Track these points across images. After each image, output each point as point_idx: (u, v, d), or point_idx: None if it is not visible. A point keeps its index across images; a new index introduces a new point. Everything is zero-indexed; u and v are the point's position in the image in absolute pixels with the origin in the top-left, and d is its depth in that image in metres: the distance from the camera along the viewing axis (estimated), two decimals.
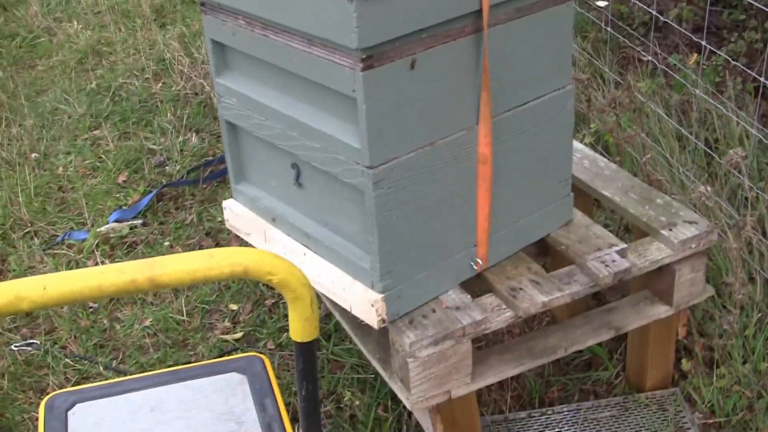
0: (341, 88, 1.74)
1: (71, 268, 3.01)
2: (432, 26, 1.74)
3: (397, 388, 1.97)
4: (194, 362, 2.52)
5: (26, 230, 3.30)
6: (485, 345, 2.39)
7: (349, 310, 1.97)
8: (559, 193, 2.17)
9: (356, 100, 1.71)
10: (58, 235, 3.25)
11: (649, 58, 3.40)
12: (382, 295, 1.87)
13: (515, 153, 2.01)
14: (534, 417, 2.33)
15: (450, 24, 1.77)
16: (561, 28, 2.02)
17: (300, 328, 1.34)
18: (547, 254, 2.39)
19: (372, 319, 1.90)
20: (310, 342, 1.36)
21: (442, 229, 1.94)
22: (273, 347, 2.63)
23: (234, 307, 2.81)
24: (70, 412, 1.85)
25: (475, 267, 2.03)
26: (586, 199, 2.42)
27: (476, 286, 2.09)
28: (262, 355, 1.99)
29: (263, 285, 2.87)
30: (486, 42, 1.82)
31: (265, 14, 1.85)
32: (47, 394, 2.11)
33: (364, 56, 1.66)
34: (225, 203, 2.30)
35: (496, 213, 2.02)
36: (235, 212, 2.26)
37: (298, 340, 1.35)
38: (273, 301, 2.81)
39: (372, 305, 1.88)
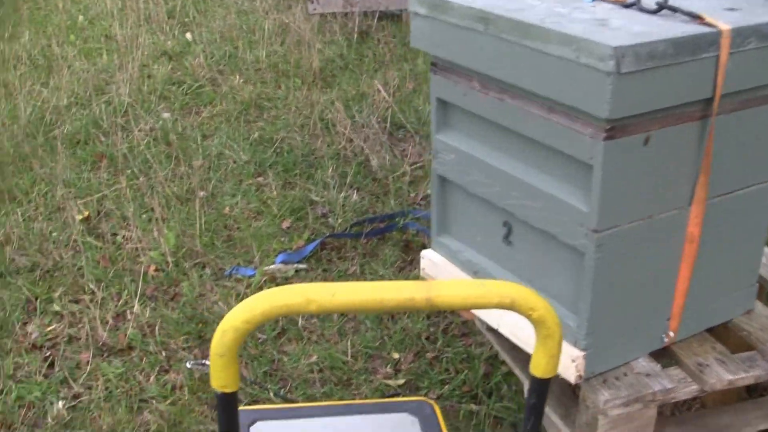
0: (578, 154, 1.87)
1: (240, 300, 3.17)
2: (668, 107, 1.86)
3: None
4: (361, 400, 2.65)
5: (196, 261, 3.49)
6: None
7: None
8: (747, 281, 2.26)
9: (592, 167, 1.84)
10: (225, 269, 3.44)
11: None
12: (584, 353, 1.97)
13: (717, 237, 2.11)
14: None
15: (683, 108, 1.89)
16: None
17: (543, 364, 1.41)
18: (719, 338, 2.46)
19: (570, 374, 2.00)
20: (548, 379, 1.44)
21: (643, 298, 2.04)
22: (435, 397, 2.74)
23: (396, 355, 2.94)
24: (252, 428, 1.96)
25: (665, 339, 2.13)
26: (763, 292, 2.50)
27: (662, 357, 2.18)
28: (432, 401, 2.09)
29: (425, 338, 3.00)
30: (712, 128, 1.94)
31: (508, 78, 1.97)
32: None
33: (608, 127, 1.79)
34: (423, 253, 2.44)
35: (691, 291, 2.11)
36: (433, 261, 2.40)
37: (539, 375, 1.42)
38: (434, 354, 2.93)
39: (573, 361, 1.98)
